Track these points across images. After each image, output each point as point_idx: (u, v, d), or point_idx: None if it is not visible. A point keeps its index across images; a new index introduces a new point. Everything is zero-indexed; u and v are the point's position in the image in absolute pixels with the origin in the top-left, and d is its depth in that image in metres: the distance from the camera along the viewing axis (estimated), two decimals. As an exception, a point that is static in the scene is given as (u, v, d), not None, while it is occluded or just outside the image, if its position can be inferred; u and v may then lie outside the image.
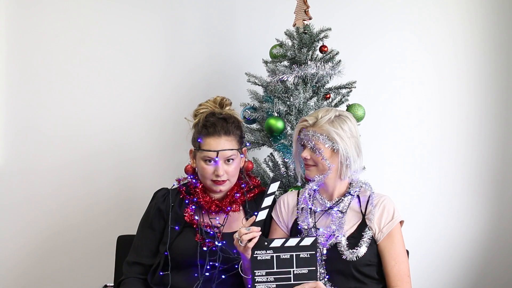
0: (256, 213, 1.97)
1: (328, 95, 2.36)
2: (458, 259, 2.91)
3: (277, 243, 1.72)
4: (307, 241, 1.72)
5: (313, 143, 1.86)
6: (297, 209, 1.97)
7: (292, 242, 1.72)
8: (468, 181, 2.91)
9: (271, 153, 2.41)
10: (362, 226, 1.89)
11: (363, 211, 1.91)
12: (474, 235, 2.91)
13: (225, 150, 1.89)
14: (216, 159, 1.88)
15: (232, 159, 1.92)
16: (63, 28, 2.81)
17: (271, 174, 2.41)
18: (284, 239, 1.74)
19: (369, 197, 1.93)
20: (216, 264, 1.87)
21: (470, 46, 2.90)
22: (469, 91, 2.91)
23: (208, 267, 1.87)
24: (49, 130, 2.81)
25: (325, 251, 1.86)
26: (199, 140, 1.92)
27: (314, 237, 1.74)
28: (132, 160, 2.83)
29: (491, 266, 2.90)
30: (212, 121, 1.92)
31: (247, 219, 1.97)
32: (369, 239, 1.85)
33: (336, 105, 2.37)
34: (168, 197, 1.96)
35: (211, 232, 1.92)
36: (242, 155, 2.00)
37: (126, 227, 2.51)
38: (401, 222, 1.94)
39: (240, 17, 2.86)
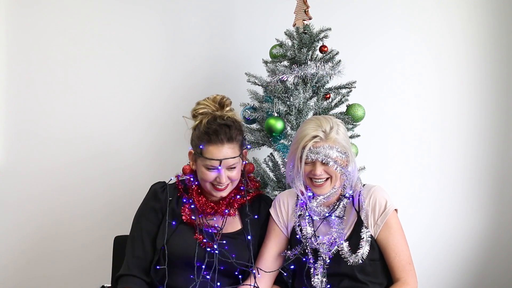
0: (256, 216, 1.96)
1: (328, 95, 2.36)
2: (459, 259, 2.91)
3: None
4: None
5: (329, 157, 1.80)
6: (297, 213, 1.93)
7: None
8: (467, 181, 2.90)
9: (271, 153, 2.40)
10: (358, 224, 1.86)
11: (357, 208, 1.87)
12: (474, 235, 2.90)
13: (228, 158, 1.84)
14: (219, 167, 1.84)
15: (235, 166, 1.88)
16: (62, 29, 2.81)
17: (271, 174, 2.41)
18: None
19: (360, 192, 1.89)
20: (221, 267, 1.84)
21: (471, 45, 2.89)
22: (470, 90, 2.90)
23: (204, 266, 1.83)
24: (46, 131, 2.81)
25: (328, 260, 1.83)
26: (200, 147, 1.86)
27: None
28: (130, 161, 2.82)
29: (492, 266, 2.90)
30: (214, 128, 1.84)
31: (244, 220, 1.95)
32: (368, 237, 1.82)
33: (336, 105, 2.36)
34: (166, 190, 1.93)
35: (210, 230, 1.89)
36: (244, 162, 1.96)
37: (122, 228, 2.47)
38: (396, 210, 1.88)
39: (240, 17, 2.86)
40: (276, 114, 2.26)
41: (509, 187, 2.90)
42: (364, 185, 1.93)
